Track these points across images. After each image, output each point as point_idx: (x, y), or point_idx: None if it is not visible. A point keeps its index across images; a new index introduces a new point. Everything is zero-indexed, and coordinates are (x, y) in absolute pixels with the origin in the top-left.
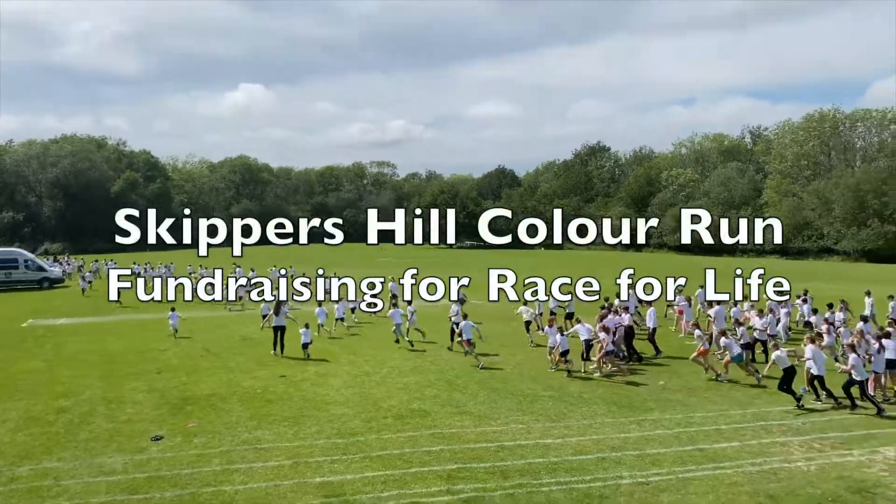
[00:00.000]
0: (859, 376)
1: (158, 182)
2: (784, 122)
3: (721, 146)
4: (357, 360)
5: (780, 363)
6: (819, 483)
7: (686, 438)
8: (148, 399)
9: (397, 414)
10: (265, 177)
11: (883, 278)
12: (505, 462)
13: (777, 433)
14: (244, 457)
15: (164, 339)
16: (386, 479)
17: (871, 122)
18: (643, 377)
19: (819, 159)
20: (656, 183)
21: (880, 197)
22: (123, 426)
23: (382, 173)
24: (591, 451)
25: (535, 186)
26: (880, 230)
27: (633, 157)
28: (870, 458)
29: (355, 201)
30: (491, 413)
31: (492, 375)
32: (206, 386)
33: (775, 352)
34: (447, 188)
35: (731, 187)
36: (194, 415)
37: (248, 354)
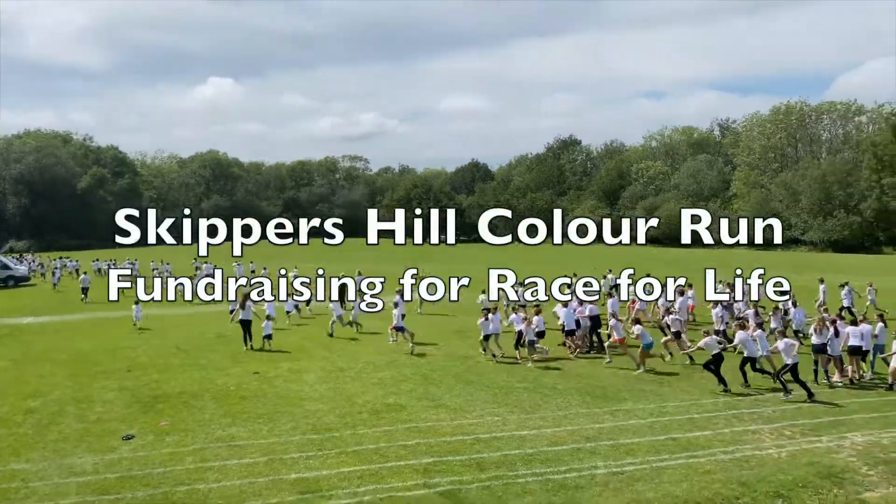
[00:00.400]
0: (790, 360)
1: (127, 178)
2: (752, 114)
3: (690, 139)
4: (331, 355)
5: (708, 348)
6: (790, 469)
7: (659, 428)
8: (118, 398)
9: (373, 409)
10: (235, 172)
11: (848, 268)
12: (481, 454)
13: (748, 421)
14: (218, 454)
15: (134, 336)
16: (362, 475)
17: (836, 114)
18: (615, 368)
19: (786, 151)
20: (627, 176)
21: (845, 188)
22: (93, 426)
23: (355, 168)
24: (566, 441)
25: (507, 180)
26: (846, 221)
27: (604, 150)
28: (838, 445)
29: (328, 196)
30: (466, 406)
31: (467, 369)
32: (178, 383)
33: (705, 338)
34: (420, 182)
35: (700, 179)
36: (166, 413)
37: (221, 351)
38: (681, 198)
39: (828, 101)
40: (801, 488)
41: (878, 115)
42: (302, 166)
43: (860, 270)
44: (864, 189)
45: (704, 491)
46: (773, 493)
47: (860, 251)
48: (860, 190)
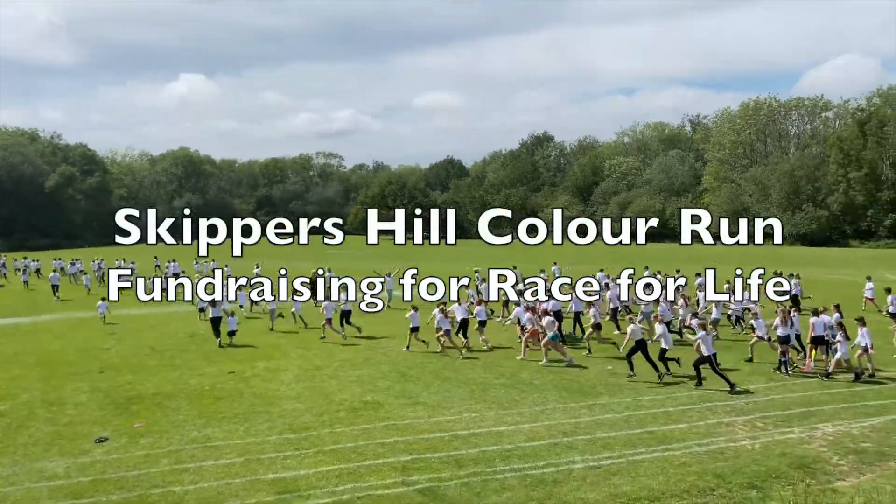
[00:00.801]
0: (707, 352)
1: (97, 176)
2: (722, 110)
3: (662, 135)
4: (308, 353)
5: (633, 336)
6: (763, 460)
7: (635, 422)
8: (91, 400)
9: (350, 407)
10: (208, 169)
11: (815, 261)
12: (459, 451)
13: (722, 413)
14: (194, 455)
15: (106, 337)
16: (340, 473)
17: (803, 110)
18: (591, 362)
19: (755, 146)
20: (600, 172)
21: (813, 182)
22: (65, 429)
23: (329, 165)
24: (543, 437)
25: (482, 177)
26: (814, 214)
27: (577, 146)
28: (809, 435)
29: (301, 193)
30: (444, 403)
31: (444, 365)
32: (151, 385)
33: (630, 325)
34: (395, 179)
35: (671, 175)
36: (140, 414)
37: (194, 351)
38: (653, 193)
39: (796, 98)
40: (775, 479)
41: (844, 110)
42: (275, 164)
43: (828, 263)
44: (830, 183)
45: (680, 483)
46: (748, 485)
47: (828, 244)
48: (827, 184)
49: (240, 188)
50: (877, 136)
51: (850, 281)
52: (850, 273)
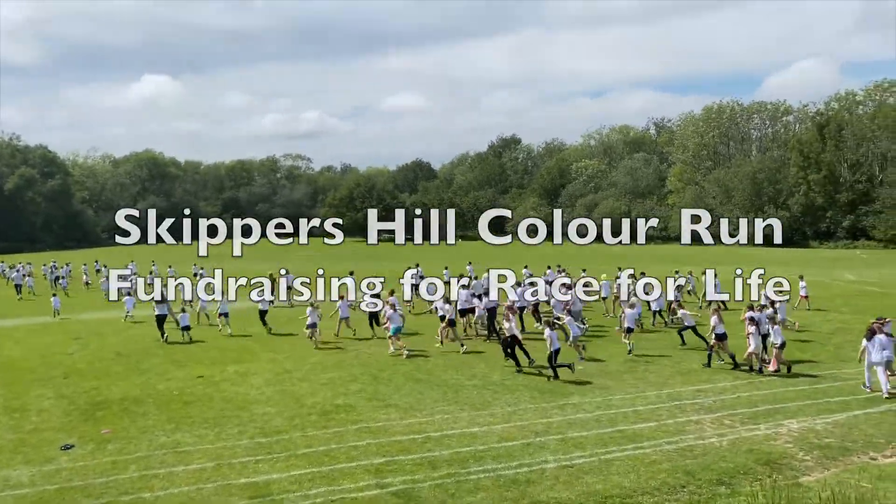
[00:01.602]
0: (553, 347)
1: (58, 178)
2: (686, 113)
3: (627, 137)
4: (278, 357)
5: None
6: (731, 457)
7: (606, 421)
8: (55, 406)
9: (322, 410)
10: (172, 171)
11: (775, 261)
12: (433, 453)
13: (690, 412)
14: (163, 461)
15: (70, 342)
16: (313, 477)
17: (765, 114)
18: (562, 361)
19: (719, 149)
20: (567, 174)
21: (775, 185)
22: (29, 436)
23: (296, 167)
24: (516, 437)
25: (450, 178)
26: (775, 216)
27: (544, 149)
28: (775, 432)
29: (269, 196)
30: (417, 405)
31: (416, 367)
32: (118, 390)
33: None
34: (363, 181)
35: (637, 177)
36: (107, 421)
37: (162, 356)
38: (619, 195)
39: (758, 102)
40: (743, 475)
41: (804, 114)
42: (241, 166)
43: (790, 263)
44: (791, 185)
45: (651, 481)
46: (716, 481)
47: (788, 245)
48: (788, 186)
49: (205, 190)
50: (835, 140)
51: (811, 280)
52: (812, 273)
